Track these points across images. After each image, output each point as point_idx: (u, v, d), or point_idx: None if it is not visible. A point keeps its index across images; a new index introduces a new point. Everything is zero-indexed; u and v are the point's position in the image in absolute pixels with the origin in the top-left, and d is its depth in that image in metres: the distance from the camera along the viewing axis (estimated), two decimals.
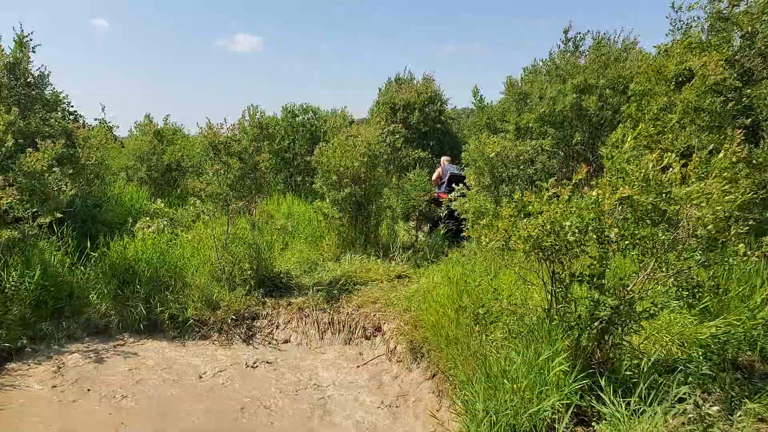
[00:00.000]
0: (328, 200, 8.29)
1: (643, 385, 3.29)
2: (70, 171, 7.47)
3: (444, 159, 10.40)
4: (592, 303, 3.50)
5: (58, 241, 6.61)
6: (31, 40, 8.52)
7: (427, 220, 9.13)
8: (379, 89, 17.20)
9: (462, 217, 7.63)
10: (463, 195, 7.69)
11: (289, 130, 13.70)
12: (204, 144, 6.93)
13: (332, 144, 8.22)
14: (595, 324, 3.53)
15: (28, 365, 5.33)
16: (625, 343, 3.74)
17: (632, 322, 3.52)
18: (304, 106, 14.66)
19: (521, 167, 7.86)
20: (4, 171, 6.30)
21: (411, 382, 5.09)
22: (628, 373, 3.57)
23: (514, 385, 3.47)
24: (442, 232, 8.62)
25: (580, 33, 11.21)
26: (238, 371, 5.43)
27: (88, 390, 4.90)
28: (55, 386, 4.95)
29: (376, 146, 8.06)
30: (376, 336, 6.08)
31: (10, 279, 5.67)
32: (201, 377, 5.27)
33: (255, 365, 5.58)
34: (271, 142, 12.41)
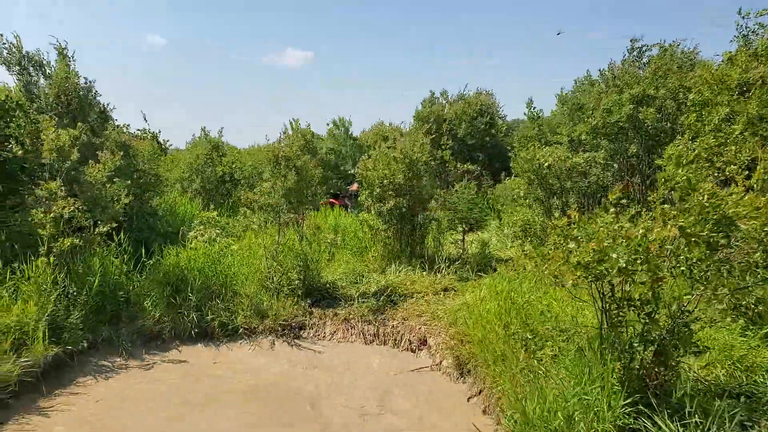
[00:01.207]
0: (373, 212, 8.35)
1: (700, 409, 3.15)
2: (128, 181, 7.77)
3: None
4: (644, 326, 3.38)
5: (116, 249, 6.86)
6: (66, 49, 8.84)
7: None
8: (422, 102, 17.28)
9: None
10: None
11: (333, 142, 13.93)
12: (267, 156, 7.12)
13: (374, 156, 8.30)
14: (648, 347, 3.41)
15: (90, 368, 5.54)
16: (682, 365, 3.59)
17: (687, 344, 3.38)
18: (345, 119, 14.88)
19: (575, 180, 7.70)
20: (69, 182, 6.62)
21: (457, 397, 5.04)
22: (684, 396, 3.43)
23: (565, 406, 3.39)
24: None
25: (646, 44, 11.06)
26: (289, 375, 5.50)
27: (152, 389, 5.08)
28: (118, 386, 5.15)
29: (418, 156, 8.07)
30: (421, 349, 6.07)
31: (73, 285, 5.92)
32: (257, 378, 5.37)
33: (303, 369, 5.65)
34: (314, 155, 12.68)
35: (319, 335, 6.50)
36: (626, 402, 3.28)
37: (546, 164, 7.49)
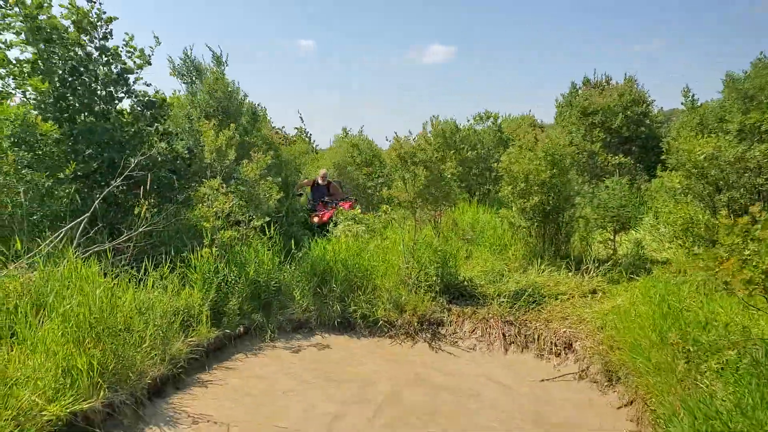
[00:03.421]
0: (514, 209, 8.07)
1: None
2: (278, 179, 8.33)
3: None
4: None
5: (269, 242, 7.35)
6: (221, 56, 9.67)
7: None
8: (563, 94, 16.42)
9: None
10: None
11: (473, 138, 13.69)
12: (392, 155, 7.23)
13: (518, 150, 7.99)
14: None
15: (245, 353, 6.01)
16: None
17: None
18: (489, 112, 14.56)
19: (744, 174, 6.79)
20: (227, 180, 7.26)
21: (605, 406, 4.70)
22: None
23: (729, 423, 2.99)
24: None
25: None
26: (428, 374, 5.53)
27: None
28: (268, 366, 5.54)
29: (566, 150, 7.62)
30: (567, 354, 5.75)
31: (231, 274, 6.47)
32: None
33: (443, 367, 5.64)
34: (457, 150, 12.55)
35: (457, 333, 6.44)
36: None
37: (702, 156, 6.68)
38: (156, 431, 4.26)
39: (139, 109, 7.71)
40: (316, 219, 9.86)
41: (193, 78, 9.79)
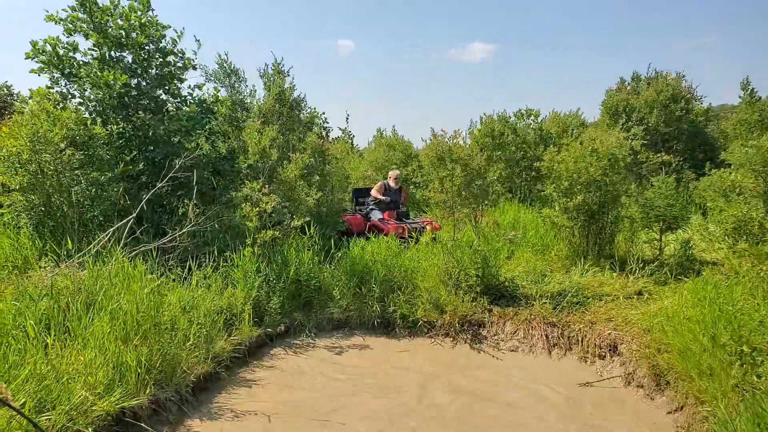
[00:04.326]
0: (557, 208, 7.91)
1: None
2: (317, 178, 8.39)
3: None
4: None
5: (309, 241, 7.41)
6: (283, 66, 9.84)
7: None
8: (607, 90, 15.99)
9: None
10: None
11: (515, 136, 13.50)
12: (429, 153, 7.18)
13: (566, 148, 7.82)
14: None
15: (285, 351, 6.08)
16: None
17: None
18: (531, 110, 14.34)
19: None
20: (269, 181, 7.36)
21: (653, 412, 4.56)
22: None
23: None
24: None
25: None
26: (466, 378, 5.48)
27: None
28: (308, 365, 5.59)
29: (618, 150, 7.41)
30: (612, 357, 5.59)
31: (273, 272, 6.55)
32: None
33: (484, 372, 5.57)
34: (504, 149, 12.39)
35: (498, 335, 6.34)
36: None
37: None
38: (199, 425, 4.35)
39: (193, 108, 7.96)
40: (377, 224, 9.07)
41: (234, 83, 9.99)
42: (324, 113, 11.31)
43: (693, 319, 4.70)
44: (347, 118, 24.27)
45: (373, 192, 9.73)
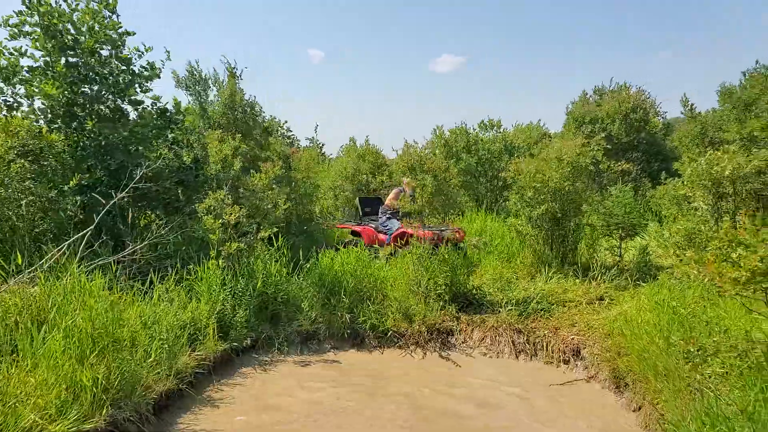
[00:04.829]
0: (522, 217, 8.05)
1: None
2: (287, 189, 8.32)
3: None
4: None
5: (276, 253, 7.32)
6: (236, 69, 9.74)
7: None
8: (573, 102, 16.47)
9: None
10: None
11: (479, 146, 13.68)
12: (400, 164, 7.23)
13: (529, 158, 7.99)
14: None
15: (253, 366, 5.96)
16: None
17: None
18: (493, 120, 14.58)
19: (750, 181, 6.76)
20: (234, 191, 7.27)
21: (613, 413, 4.65)
22: None
23: (735, 427, 2.95)
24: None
25: None
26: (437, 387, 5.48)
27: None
28: (277, 380, 5.51)
29: (580, 158, 7.59)
30: (576, 361, 5.70)
31: (238, 285, 6.45)
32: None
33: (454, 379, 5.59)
34: (460, 159, 12.55)
35: (467, 342, 6.40)
36: None
37: (726, 173, 6.62)
38: None
39: (153, 116, 7.81)
40: (408, 232, 7.82)
41: (200, 90, 9.86)
42: (287, 122, 11.28)
43: (650, 323, 4.84)
44: (316, 128, 24.71)
45: (391, 200, 8.87)
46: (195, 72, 9.97)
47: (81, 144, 7.05)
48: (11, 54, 7.03)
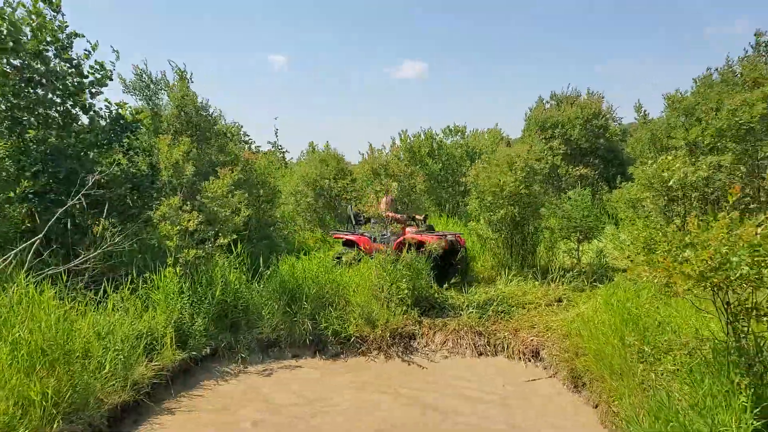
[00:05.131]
0: (482, 221, 8.15)
1: None
2: (246, 195, 8.17)
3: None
4: None
5: (236, 260, 7.21)
6: (186, 72, 9.50)
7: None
8: (530, 107, 16.82)
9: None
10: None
11: (442, 152, 13.80)
12: (365, 168, 7.22)
13: (486, 163, 8.09)
14: None
15: (213, 377, 5.82)
16: None
17: None
18: (458, 126, 14.73)
19: (697, 187, 7.04)
20: (190, 197, 7.11)
21: (572, 411, 4.74)
22: None
23: (686, 422, 3.05)
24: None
25: None
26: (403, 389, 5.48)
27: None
28: (238, 390, 5.41)
29: (533, 162, 7.75)
30: (535, 362, 5.80)
31: (197, 293, 6.31)
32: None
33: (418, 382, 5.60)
34: (425, 165, 12.62)
35: (429, 346, 6.42)
36: (759, 423, 2.88)
37: (673, 180, 6.87)
38: None
39: (103, 122, 7.56)
40: (414, 237, 7.70)
41: (150, 95, 9.61)
42: (242, 126, 11.11)
43: (605, 323, 4.95)
44: (276, 132, 24.46)
45: (384, 207, 8.06)
46: (144, 75, 9.70)
47: (24, 150, 6.77)
48: None
